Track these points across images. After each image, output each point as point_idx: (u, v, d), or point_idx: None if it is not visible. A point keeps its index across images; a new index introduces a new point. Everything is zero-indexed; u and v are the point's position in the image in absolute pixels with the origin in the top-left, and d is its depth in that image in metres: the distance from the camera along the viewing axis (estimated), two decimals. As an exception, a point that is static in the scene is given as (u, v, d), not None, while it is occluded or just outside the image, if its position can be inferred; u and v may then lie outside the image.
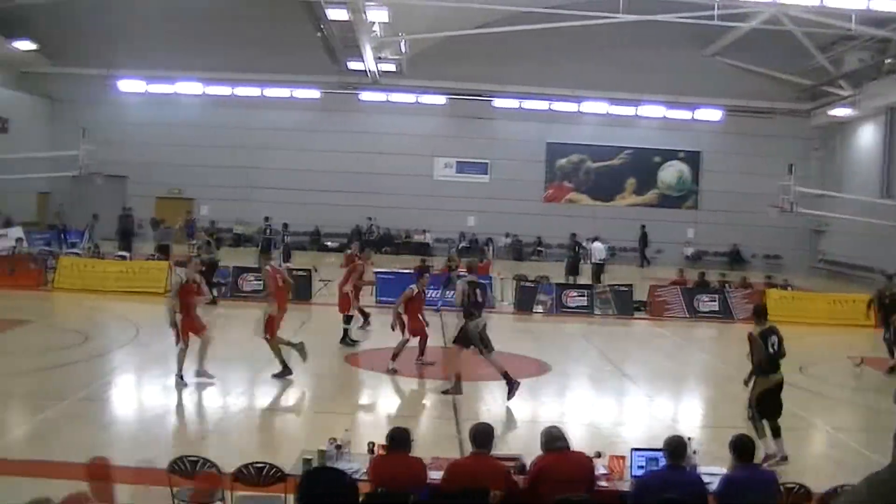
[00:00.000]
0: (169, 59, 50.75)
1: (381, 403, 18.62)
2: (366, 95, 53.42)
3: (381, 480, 9.67)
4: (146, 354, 21.94)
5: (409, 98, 53.22)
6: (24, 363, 19.70)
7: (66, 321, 26.10)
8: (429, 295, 31.55)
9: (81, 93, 52.50)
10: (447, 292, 27.64)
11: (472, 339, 18.40)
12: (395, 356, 20.31)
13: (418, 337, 21.36)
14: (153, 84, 53.56)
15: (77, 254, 36.68)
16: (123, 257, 36.19)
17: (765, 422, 14.30)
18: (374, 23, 39.79)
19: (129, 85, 53.67)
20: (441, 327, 26.29)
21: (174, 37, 48.82)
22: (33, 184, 49.86)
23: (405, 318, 21.32)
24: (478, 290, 19.09)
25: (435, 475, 9.92)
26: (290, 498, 9.92)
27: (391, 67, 49.63)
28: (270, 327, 19.05)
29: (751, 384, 14.74)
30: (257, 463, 10.21)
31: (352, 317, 24.04)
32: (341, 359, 22.18)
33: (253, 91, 53.22)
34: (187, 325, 18.49)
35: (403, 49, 47.80)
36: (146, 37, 49.08)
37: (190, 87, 53.48)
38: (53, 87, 53.44)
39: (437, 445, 13.27)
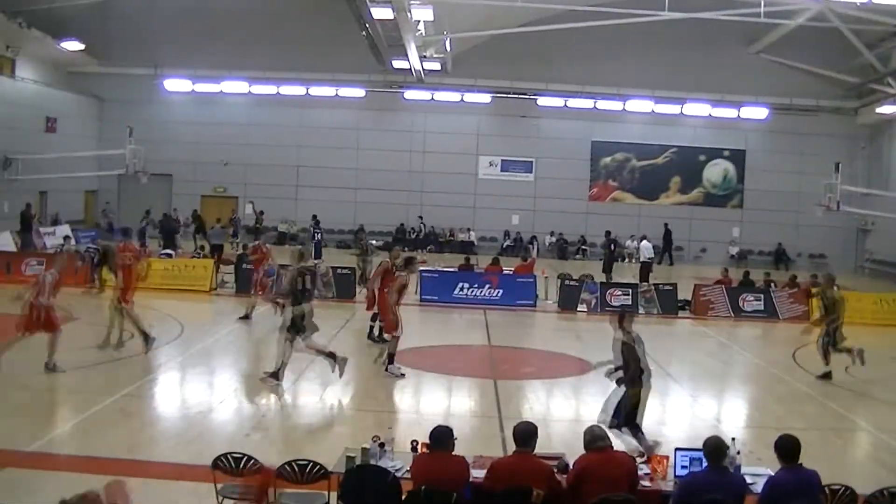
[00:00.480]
0: (215, 58, 51.08)
1: (423, 402, 18.61)
2: (410, 94, 53.45)
3: (423, 479, 9.66)
4: (190, 352, 22.07)
5: (453, 97, 53.18)
6: (72, 359, 19.84)
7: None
8: (472, 294, 31.78)
9: (128, 92, 52.91)
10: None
11: (295, 324, 18.38)
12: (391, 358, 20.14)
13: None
14: (199, 83, 53.89)
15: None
16: (169, 255, 36.40)
17: None
18: (418, 21, 39.78)
19: (176, 84, 54.02)
20: (486, 325, 26.31)
21: (220, 36, 49.09)
22: (81, 182, 50.41)
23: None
24: (306, 277, 19.15)
25: (477, 474, 9.92)
26: (333, 495, 9.96)
27: (436, 66, 49.62)
28: None
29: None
30: (300, 460, 10.25)
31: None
32: (384, 356, 22.17)
33: (298, 90, 53.40)
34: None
35: (448, 47, 47.78)
36: (192, 36, 49.40)
37: (235, 87, 53.75)
38: (101, 87, 53.89)
39: (479, 444, 13.29)
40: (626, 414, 13.85)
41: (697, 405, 19.23)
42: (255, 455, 10.33)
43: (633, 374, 14.02)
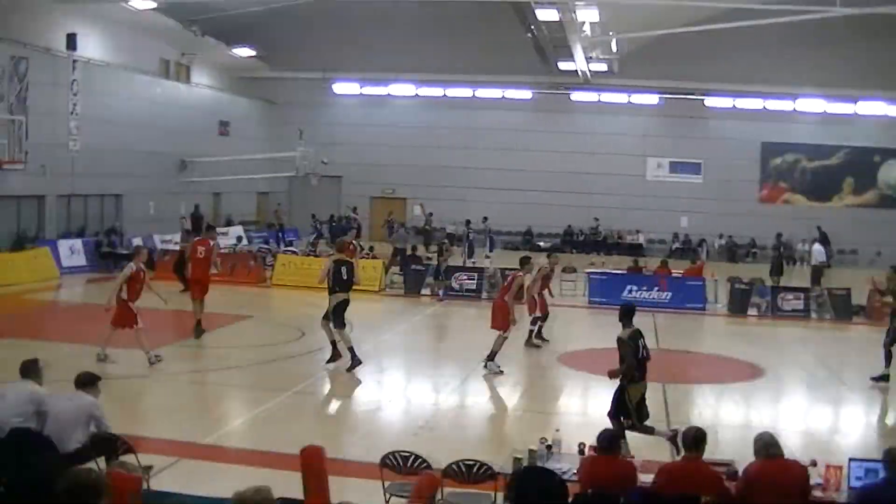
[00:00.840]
0: (383, 61, 51.72)
1: (591, 404, 18.48)
2: (577, 95, 53.31)
3: (591, 482, 9.62)
4: (359, 350, 22.35)
5: (620, 98, 52.85)
6: (246, 356, 20.36)
7: (284, 317, 26.80)
8: (641, 296, 31.50)
9: (298, 96, 54.05)
10: None
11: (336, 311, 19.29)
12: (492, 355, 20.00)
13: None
14: (367, 86, 54.73)
15: (294, 252, 37.69)
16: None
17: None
18: (584, 22, 39.62)
19: (345, 87, 54.97)
20: (655, 328, 26.05)
21: (388, 40, 49.65)
22: (253, 184, 51.59)
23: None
24: (343, 269, 19.95)
25: (645, 478, 9.84)
26: (500, 496, 9.98)
27: (602, 67, 49.37)
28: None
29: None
30: (468, 460, 10.29)
31: (540, 318, 23.76)
32: (553, 358, 22.16)
33: (465, 92, 53.75)
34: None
35: (614, 48, 47.47)
36: (361, 40, 50.05)
37: (403, 89, 54.40)
38: (271, 91, 55.14)
39: (647, 448, 13.16)
40: (637, 412, 13.78)
41: (872, 414, 18.71)
42: (422, 454, 10.41)
43: (627, 371, 13.94)
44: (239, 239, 44.22)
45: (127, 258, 30.78)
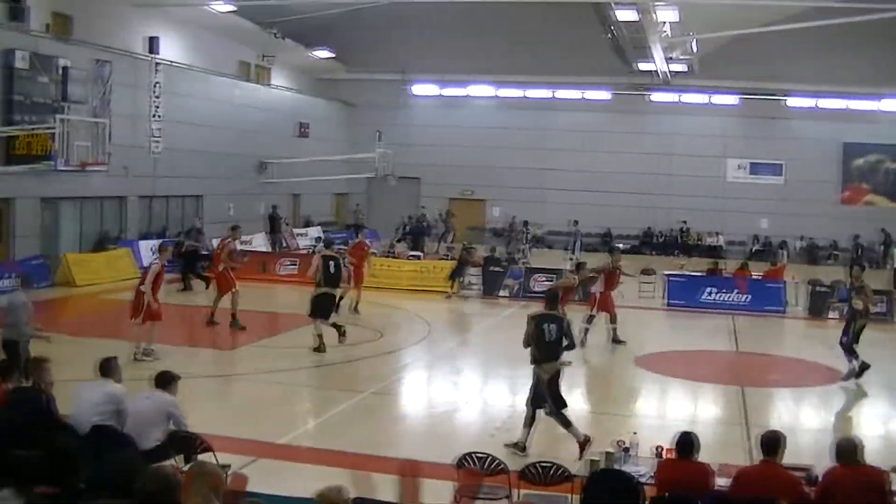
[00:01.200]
0: (461, 63, 51.74)
1: (668, 407, 18.42)
2: (656, 96, 52.94)
3: (667, 485, 9.60)
4: (437, 352, 22.44)
5: (700, 98, 52.39)
6: (325, 356, 20.50)
7: (362, 318, 26.96)
8: (720, 298, 31.25)
9: (376, 97, 54.26)
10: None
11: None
12: None
13: None
14: (446, 88, 54.81)
15: (373, 253, 37.87)
16: (417, 257, 37.09)
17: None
18: (663, 23, 39.34)
19: (423, 89, 55.10)
20: (734, 331, 25.87)
21: (466, 41, 49.67)
22: (331, 185, 51.91)
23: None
24: (331, 263, 20.68)
25: (721, 482, 9.78)
26: (576, 499, 9.98)
27: (682, 67, 49.01)
28: None
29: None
30: (544, 462, 10.30)
31: (592, 317, 23.55)
32: (630, 360, 22.06)
33: (544, 93, 53.63)
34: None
35: (694, 48, 47.09)
36: (439, 41, 50.14)
37: (481, 90, 54.40)
38: (350, 93, 55.43)
39: (723, 452, 13.08)
40: (552, 397, 14.32)
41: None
42: (498, 455, 10.44)
43: (533, 352, 14.44)
44: (318, 240, 44.50)
45: (206, 259, 31.48)
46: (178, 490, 6.27)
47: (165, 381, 11.69)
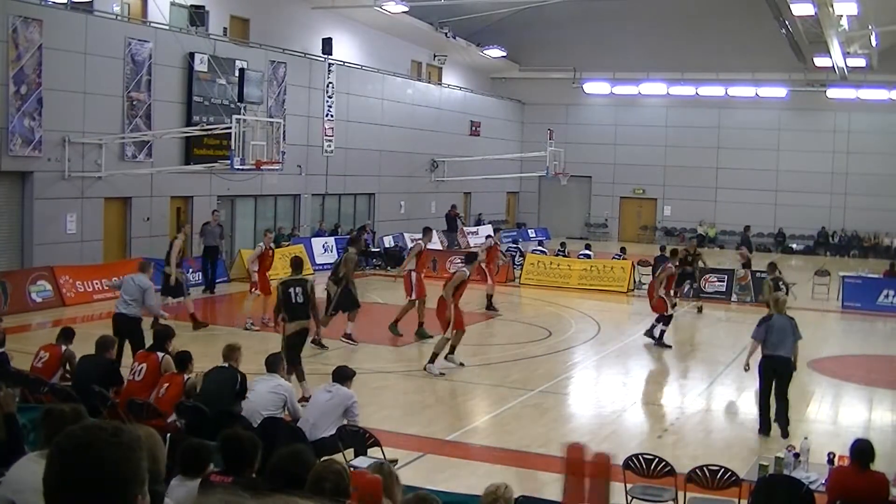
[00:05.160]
0: (633, 60, 51.41)
1: (842, 413, 17.93)
2: (833, 92, 51.49)
3: (839, 493, 9.35)
4: (606, 352, 22.30)
5: (880, 94, 50.81)
6: (494, 354, 20.60)
7: (532, 316, 26.97)
8: None
9: (548, 96, 54.28)
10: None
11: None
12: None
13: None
14: (617, 86, 54.38)
15: (543, 252, 37.85)
16: (588, 256, 36.90)
17: None
18: (841, 16, 38.30)
19: (595, 87, 54.80)
20: None
21: (638, 38, 49.33)
22: (503, 184, 52.10)
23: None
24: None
25: (896, 492, 9.49)
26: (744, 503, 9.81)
27: (860, 62, 47.67)
28: None
29: None
30: (712, 465, 10.16)
31: (670, 317, 22.93)
32: (803, 363, 21.51)
33: (717, 90, 52.74)
34: None
35: (873, 42, 45.75)
36: (611, 39, 49.90)
37: (654, 88, 53.81)
38: (521, 91, 55.57)
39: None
40: (285, 350, 15.35)
41: None
42: (666, 457, 10.32)
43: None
44: (488, 238, 44.64)
45: (377, 256, 32.00)
46: (347, 484, 6.32)
47: (345, 376, 12.14)
